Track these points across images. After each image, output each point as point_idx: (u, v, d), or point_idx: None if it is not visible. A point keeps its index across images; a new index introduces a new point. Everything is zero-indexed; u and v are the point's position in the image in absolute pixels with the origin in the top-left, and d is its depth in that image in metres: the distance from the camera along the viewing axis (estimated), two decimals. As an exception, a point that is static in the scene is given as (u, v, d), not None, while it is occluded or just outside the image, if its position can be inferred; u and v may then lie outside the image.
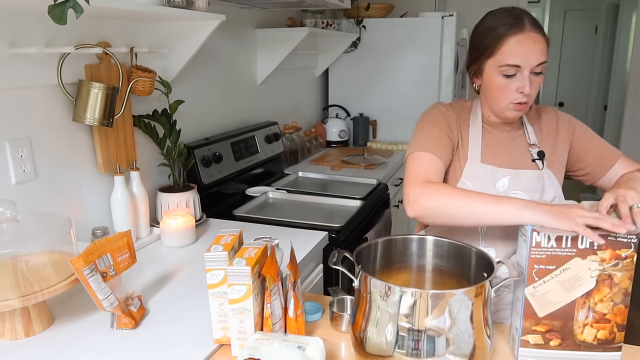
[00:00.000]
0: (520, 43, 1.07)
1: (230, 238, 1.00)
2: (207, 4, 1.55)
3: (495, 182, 1.16)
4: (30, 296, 0.98)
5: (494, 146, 1.20)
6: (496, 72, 1.10)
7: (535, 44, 1.07)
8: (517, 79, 1.09)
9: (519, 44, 1.07)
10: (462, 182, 1.18)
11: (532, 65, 1.07)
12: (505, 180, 1.16)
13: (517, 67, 1.08)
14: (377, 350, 0.85)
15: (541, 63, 1.08)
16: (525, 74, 1.08)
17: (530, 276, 0.88)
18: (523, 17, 1.09)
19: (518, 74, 1.08)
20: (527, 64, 1.07)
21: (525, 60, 1.07)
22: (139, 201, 1.53)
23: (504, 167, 1.18)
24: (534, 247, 0.87)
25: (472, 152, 1.19)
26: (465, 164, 1.18)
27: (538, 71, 1.09)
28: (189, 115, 1.93)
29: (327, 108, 3.26)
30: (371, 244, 1.00)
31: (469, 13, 4.01)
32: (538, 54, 1.07)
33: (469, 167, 1.18)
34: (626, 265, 0.87)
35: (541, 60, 1.08)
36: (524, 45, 1.07)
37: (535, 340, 0.91)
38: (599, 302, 0.90)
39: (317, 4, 2.22)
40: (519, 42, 1.07)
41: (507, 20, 1.09)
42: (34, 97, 1.30)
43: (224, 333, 0.99)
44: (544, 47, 1.08)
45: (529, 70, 1.07)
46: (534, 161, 1.18)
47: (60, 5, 0.90)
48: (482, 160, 1.19)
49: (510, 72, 1.09)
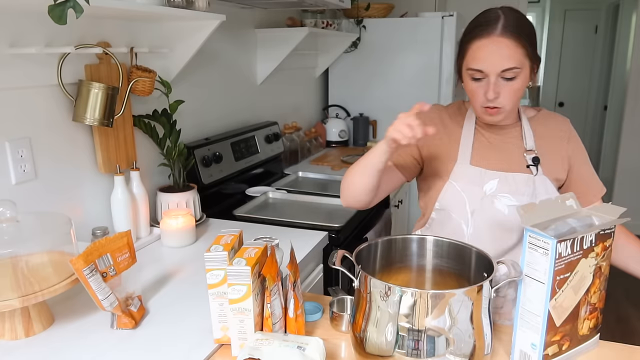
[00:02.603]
0: (483, 48, 1.05)
1: (230, 238, 1.00)
2: (207, 4, 1.55)
3: (483, 184, 1.15)
4: (30, 296, 0.98)
5: (486, 148, 1.19)
6: (467, 75, 1.10)
7: (501, 50, 1.04)
8: (484, 83, 1.08)
9: (481, 49, 1.06)
10: (450, 183, 1.18)
11: (496, 71, 1.05)
12: (493, 182, 1.15)
13: (481, 72, 1.07)
14: (377, 350, 0.85)
15: (510, 69, 1.04)
16: (491, 79, 1.06)
17: (554, 289, 0.85)
18: (497, 20, 1.05)
19: (485, 79, 1.07)
20: (491, 69, 1.05)
21: (488, 66, 1.05)
22: (139, 201, 1.53)
23: (493, 170, 1.16)
24: (557, 260, 0.83)
25: (462, 153, 1.19)
26: (454, 165, 1.18)
27: (508, 77, 1.05)
28: (189, 115, 1.93)
29: (327, 108, 3.26)
30: (371, 244, 1.00)
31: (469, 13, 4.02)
32: (503, 60, 1.04)
33: (457, 168, 1.18)
34: (608, 254, 0.91)
35: (507, 67, 1.04)
36: (487, 51, 1.05)
37: (552, 351, 0.89)
38: (593, 294, 0.91)
39: (317, 4, 2.23)
40: (482, 47, 1.05)
41: (478, 23, 1.08)
42: (34, 97, 1.30)
43: (224, 333, 0.99)
44: (512, 52, 1.03)
45: (494, 75, 1.05)
46: (529, 167, 1.16)
47: (60, 5, 0.90)
48: (472, 162, 1.18)
49: (477, 76, 1.08)
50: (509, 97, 1.08)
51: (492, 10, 1.09)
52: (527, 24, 1.08)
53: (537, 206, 0.88)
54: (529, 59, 1.07)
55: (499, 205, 1.14)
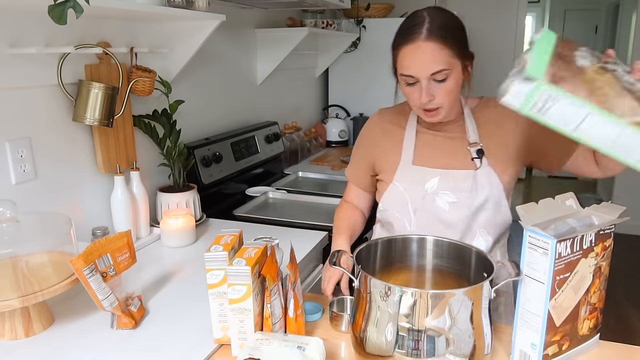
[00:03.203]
0: (410, 54, 1.06)
1: (230, 238, 1.00)
2: (207, 4, 1.55)
3: (424, 182, 1.17)
4: (30, 296, 0.98)
5: (428, 147, 1.20)
6: (401, 80, 1.12)
7: (426, 55, 1.05)
8: (417, 87, 1.09)
9: (408, 55, 1.07)
10: (393, 184, 1.21)
11: (425, 75, 1.06)
12: (434, 180, 1.16)
13: (412, 77, 1.08)
14: (377, 350, 0.85)
15: (439, 71, 1.05)
16: (423, 84, 1.07)
17: (554, 289, 0.85)
18: (422, 25, 1.05)
19: (418, 83, 1.08)
20: (420, 74, 1.06)
21: (417, 71, 1.06)
22: (139, 201, 1.54)
23: (435, 168, 1.17)
24: (557, 259, 0.84)
25: (405, 154, 1.21)
26: (397, 166, 1.21)
27: (439, 79, 1.07)
28: (189, 115, 1.93)
29: (327, 108, 3.26)
30: (371, 244, 1.00)
31: (469, 13, 4.02)
32: (431, 64, 1.05)
33: (400, 169, 1.21)
34: (608, 254, 0.91)
35: (435, 70, 1.05)
36: (413, 57, 1.06)
37: (552, 351, 0.89)
38: (593, 294, 0.91)
39: (317, 4, 2.23)
40: (409, 53, 1.07)
41: (404, 29, 1.09)
42: (34, 97, 1.30)
43: (224, 333, 0.99)
44: (439, 55, 1.04)
45: (425, 79, 1.06)
46: (473, 160, 1.16)
47: (60, 5, 0.90)
48: (414, 162, 1.20)
49: (410, 81, 1.09)
50: (444, 97, 1.09)
51: (417, 13, 1.09)
52: (453, 24, 1.08)
53: (536, 206, 0.88)
54: (458, 59, 1.07)
55: (440, 203, 1.16)
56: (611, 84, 0.76)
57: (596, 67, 0.78)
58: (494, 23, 4.15)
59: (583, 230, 0.85)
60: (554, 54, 0.78)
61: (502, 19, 4.15)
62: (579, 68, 0.77)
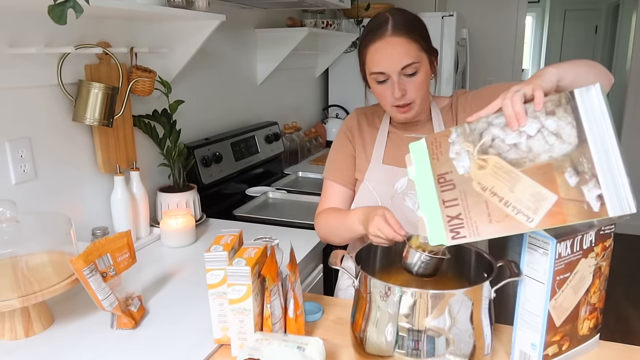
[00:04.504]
0: (379, 50, 1.08)
1: (230, 238, 1.00)
2: (207, 4, 1.55)
3: (394, 182, 1.18)
4: (30, 296, 0.98)
5: (399, 146, 1.21)
6: (372, 80, 1.13)
7: (395, 49, 1.07)
8: (389, 84, 1.10)
9: (377, 52, 1.08)
10: (364, 184, 1.22)
11: (396, 69, 1.07)
12: (404, 180, 1.18)
13: (382, 73, 1.09)
14: (377, 351, 0.85)
15: (409, 64, 1.07)
16: (394, 79, 1.08)
17: (554, 289, 0.85)
18: (386, 22, 1.08)
19: (389, 80, 1.10)
20: (391, 68, 1.08)
21: (388, 66, 1.08)
22: (138, 201, 1.54)
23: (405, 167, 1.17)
24: (557, 259, 0.83)
25: (375, 154, 1.22)
26: (368, 166, 1.22)
27: (410, 72, 1.08)
28: (189, 115, 1.93)
29: (327, 108, 3.26)
30: (371, 244, 1.00)
31: (469, 13, 4.02)
32: (401, 57, 1.07)
33: (370, 169, 1.22)
34: (608, 254, 0.91)
35: (406, 63, 1.07)
36: (382, 53, 1.08)
37: (552, 351, 0.89)
38: (593, 295, 0.91)
39: (317, 4, 2.23)
40: (378, 50, 1.08)
41: (370, 29, 1.11)
42: (34, 97, 1.30)
43: (224, 333, 0.99)
44: (407, 49, 1.07)
45: (396, 74, 1.08)
46: None
47: (60, 5, 0.90)
48: (384, 161, 1.21)
49: (381, 79, 1.10)
50: (415, 92, 1.10)
51: (380, 14, 1.12)
52: (417, 21, 1.12)
53: None
54: (425, 52, 1.10)
55: (409, 202, 1.17)
56: (499, 175, 0.77)
57: (476, 160, 0.78)
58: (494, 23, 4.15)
59: (583, 230, 0.85)
60: (436, 181, 0.82)
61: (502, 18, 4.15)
62: (462, 176, 0.79)
